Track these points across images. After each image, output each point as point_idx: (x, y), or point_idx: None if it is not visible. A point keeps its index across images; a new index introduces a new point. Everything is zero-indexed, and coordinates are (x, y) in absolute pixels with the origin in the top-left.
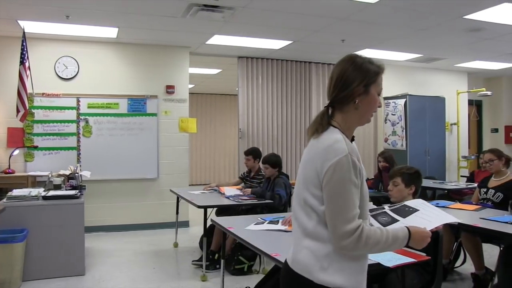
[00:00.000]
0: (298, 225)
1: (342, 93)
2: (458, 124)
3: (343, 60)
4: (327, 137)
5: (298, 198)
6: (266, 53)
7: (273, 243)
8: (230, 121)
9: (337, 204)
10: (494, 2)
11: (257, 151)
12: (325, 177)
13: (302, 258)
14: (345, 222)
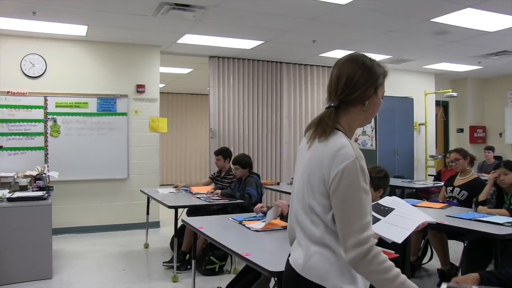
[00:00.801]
0: (303, 230)
1: (353, 94)
2: (426, 124)
3: (351, 61)
4: (334, 141)
5: (302, 203)
6: (237, 53)
7: (244, 243)
8: (201, 121)
9: (345, 213)
10: (459, 7)
11: (227, 150)
12: (332, 185)
13: (315, 265)
14: (354, 232)
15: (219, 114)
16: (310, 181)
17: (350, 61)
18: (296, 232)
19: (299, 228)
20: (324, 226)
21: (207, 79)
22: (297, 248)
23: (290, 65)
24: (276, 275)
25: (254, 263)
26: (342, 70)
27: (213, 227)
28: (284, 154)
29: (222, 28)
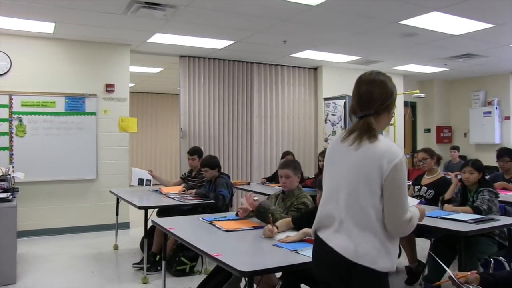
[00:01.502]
0: (353, 219)
1: (384, 104)
2: (394, 124)
3: (379, 81)
4: (383, 141)
5: (354, 195)
6: (208, 53)
7: (214, 243)
8: (171, 121)
9: (399, 198)
10: (426, 10)
11: (201, 150)
12: (389, 175)
13: (366, 251)
14: (405, 212)
15: (190, 114)
16: (366, 174)
17: (378, 81)
18: (342, 221)
19: (349, 217)
20: (375, 214)
21: (178, 79)
22: (341, 236)
23: (261, 65)
24: (246, 275)
25: (224, 263)
26: (372, 87)
27: (184, 227)
28: (255, 154)
29: (193, 27)
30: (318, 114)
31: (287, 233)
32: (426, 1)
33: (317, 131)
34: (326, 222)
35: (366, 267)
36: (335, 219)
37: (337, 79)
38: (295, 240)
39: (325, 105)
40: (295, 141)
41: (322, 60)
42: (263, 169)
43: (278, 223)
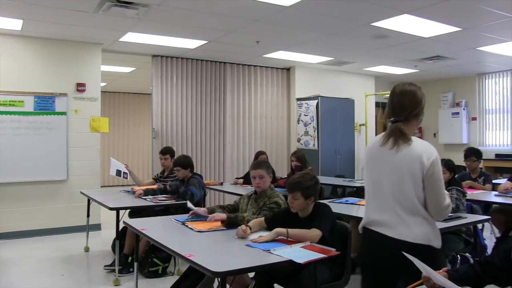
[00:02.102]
0: (405, 209)
1: (413, 112)
2: (366, 125)
3: (411, 89)
4: (419, 142)
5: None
6: (181, 53)
7: (187, 244)
8: (143, 121)
9: (439, 187)
10: (397, 12)
11: (173, 150)
12: (429, 169)
13: (423, 232)
14: (444, 199)
15: (162, 114)
16: (412, 172)
17: (408, 91)
18: (397, 213)
19: (402, 209)
20: (420, 202)
21: (150, 78)
22: (400, 225)
23: (234, 66)
24: (219, 275)
25: (197, 264)
26: (403, 97)
27: (156, 228)
28: (228, 154)
29: (165, 27)
30: (290, 114)
31: (259, 233)
32: (397, 4)
33: (290, 131)
34: (378, 216)
35: (426, 245)
36: (387, 212)
37: (309, 80)
38: (267, 240)
39: (298, 106)
40: (268, 141)
41: (294, 61)
42: (235, 169)
43: (251, 223)
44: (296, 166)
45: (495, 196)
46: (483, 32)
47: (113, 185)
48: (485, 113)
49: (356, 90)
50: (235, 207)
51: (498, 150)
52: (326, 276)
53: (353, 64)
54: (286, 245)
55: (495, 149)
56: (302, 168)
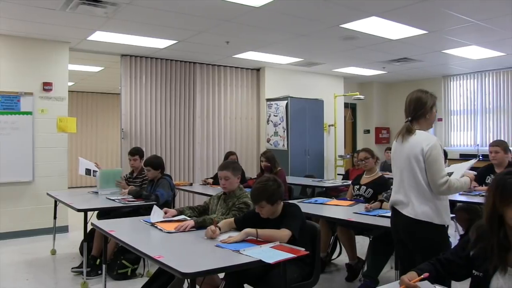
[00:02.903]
0: (413, 191)
1: (418, 112)
2: (335, 125)
3: (417, 95)
4: (420, 133)
5: (412, 174)
6: (150, 52)
7: (156, 245)
8: (112, 121)
9: (435, 167)
10: (365, 15)
11: (141, 150)
12: (427, 152)
13: (426, 210)
14: (441, 177)
15: (131, 114)
16: (416, 157)
17: (414, 97)
18: (408, 194)
19: (411, 191)
20: (425, 184)
21: (119, 78)
22: (407, 205)
23: (204, 66)
24: (188, 276)
25: (166, 265)
26: (411, 100)
27: (125, 229)
28: (197, 154)
29: (134, 26)
30: (260, 115)
31: (229, 233)
32: (365, 6)
33: (259, 131)
34: (395, 197)
35: (427, 221)
36: (403, 194)
37: (279, 80)
38: (237, 241)
39: (268, 106)
40: (238, 141)
41: (264, 61)
42: (205, 169)
43: (220, 223)
44: (265, 166)
45: (459, 195)
46: (448, 36)
47: (81, 186)
48: (450, 114)
49: (325, 91)
50: (205, 208)
51: (462, 150)
52: (295, 275)
53: (322, 65)
54: (256, 245)
55: (460, 149)
56: (271, 169)
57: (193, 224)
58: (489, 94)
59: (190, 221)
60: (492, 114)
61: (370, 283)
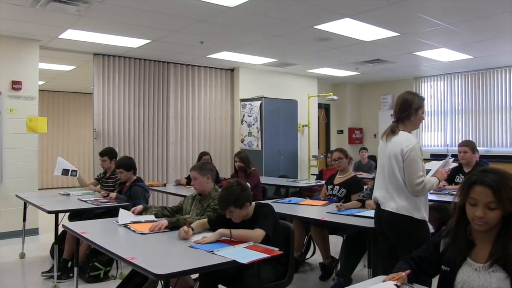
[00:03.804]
0: (395, 188)
1: (403, 114)
2: (309, 126)
3: (404, 96)
4: (402, 134)
5: (393, 172)
6: (123, 51)
7: (129, 247)
8: (84, 121)
9: (412, 168)
10: (339, 16)
11: (113, 151)
12: (406, 154)
13: (405, 206)
14: (417, 177)
15: (104, 114)
16: (395, 156)
17: (400, 99)
18: (388, 190)
19: (392, 187)
20: (402, 182)
21: (92, 77)
22: (389, 200)
23: (178, 66)
24: (162, 278)
25: (139, 267)
26: (398, 102)
27: (97, 231)
28: (171, 155)
29: (107, 24)
30: (234, 115)
31: (203, 234)
32: (339, 8)
33: (234, 132)
34: (378, 193)
35: (406, 215)
36: (385, 190)
37: (253, 81)
38: (211, 241)
39: (242, 106)
40: (212, 142)
41: (239, 62)
42: (179, 170)
43: (193, 224)
44: (239, 166)
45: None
46: (419, 38)
47: (52, 188)
48: None
49: (299, 92)
50: (178, 208)
51: (433, 150)
52: (270, 275)
53: (296, 66)
54: (230, 246)
55: (430, 149)
56: (245, 169)
57: (166, 224)
58: (458, 95)
59: (163, 221)
60: (461, 115)
61: (343, 281)
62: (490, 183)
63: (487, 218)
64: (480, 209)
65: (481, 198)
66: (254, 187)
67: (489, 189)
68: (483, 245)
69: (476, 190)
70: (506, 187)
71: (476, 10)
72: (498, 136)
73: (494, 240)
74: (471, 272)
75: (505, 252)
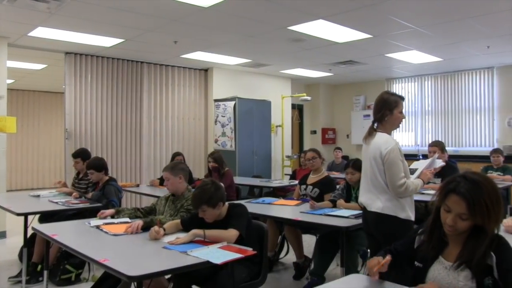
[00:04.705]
0: (378, 188)
1: (380, 113)
2: (282, 126)
3: (381, 96)
4: (381, 136)
5: (374, 174)
6: (96, 50)
7: (101, 249)
8: (56, 121)
9: (392, 170)
10: (312, 18)
11: (86, 152)
12: (385, 157)
13: (390, 206)
14: (398, 179)
15: (76, 114)
16: (375, 159)
17: (378, 99)
18: (373, 192)
19: (376, 190)
20: (385, 184)
21: (63, 76)
22: (375, 201)
23: (151, 65)
24: (135, 279)
25: (112, 268)
26: (376, 102)
27: (68, 233)
28: (144, 155)
29: (79, 23)
30: (208, 115)
31: (176, 235)
32: (312, 9)
33: (207, 132)
34: (367, 197)
35: (391, 215)
36: (370, 193)
37: (227, 81)
38: (184, 242)
39: (215, 107)
40: (185, 142)
41: (213, 62)
42: (152, 170)
43: (166, 225)
44: (213, 167)
45: None
46: (391, 40)
47: (21, 189)
48: None
49: (273, 92)
50: (151, 209)
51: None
52: (244, 275)
53: (270, 67)
54: (204, 246)
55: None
56: (219, 169)
57: (142, 224)
58: (428, 97)
59: (138, 221)
60: (431, 116)
61: (316, 280)
62: (466, 196)
63: (457, 227)
64: (451, 217)
65: (454, 208)
66: (228, 187)
67: (464, 201)
68: (454, 245)
69: (451, 198)
70: (481, 202)
71: (445, 14)
72: (465, 137)
73: (463, 243)
74: (442, 270)
75: (471, 256)
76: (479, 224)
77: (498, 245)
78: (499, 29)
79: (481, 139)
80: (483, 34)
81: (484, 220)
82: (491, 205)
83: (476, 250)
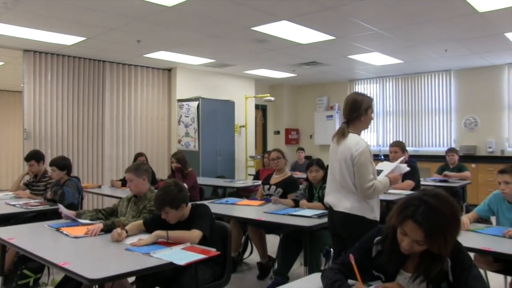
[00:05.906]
0: (346, 189)
1: (353, 115)
2: (246, 126)
3: (352, 98)
4: (353, 137)
5: (343, 175)
6: (57, 49)
7: (61, 252)
8: (13, 121)
9: (362, 172)
10: (276, 18)
11: (39, 153)
12: (355, 159)
13: (358, 206)
14: (367, 181)
15: (35, 114)
16: (346, 160)
17: (349, 99)
18: (341, 192)
19: (344, 189)
20: (354, 186)
21: (22, 75)
22: (342, 201)
23: (114, 65)
24: (96, 282)
25: (72, 272)
26: (347, 103)
27: (26, 236)
28: (106, 155)
29: (38, 19)
30: (171, 115)
31: (139, 236)
32: (276, 10)
33: (170, 132)
34: (334, 197)
35: (359, 216)
36: (337, 193)
37: (191, 81)
38: (147, 243)
39: (179, 107)
40: (148, 142)
41: (176, 62)
42: (115, 171)
43: (128, 226)
44: (176, 167)
45: None
46: (353, 42)
47: None
48: None
49: (237, 92)
50: (113, 210)
51: None
52: (207, 276)
53: (234, 67)
54: (167, 247)
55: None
56: (182, 170)
57: (101, 227)
58: (389, 98)
59: (99, 224)
60: (392, 116)
61: (280, 280)
62: (424, 225)
63: (413, 250)
64: (408, 242)
65: (411, 234)
66: (191, 188)
67: (421, 230)
68: (414, 258)
69: (409, 225)
70: (439, 232)
71: (405, 17)
72: (425, 137)
73: (419, 258)
74: (402, 281)
75: (427, 272)
76: (435, 252)
77: (453, 251)
78: (456, 33)
79: (439, 140)
80: (441, 38)
81: (441, 248)
82: (449, 235)
83: (432, 268)
